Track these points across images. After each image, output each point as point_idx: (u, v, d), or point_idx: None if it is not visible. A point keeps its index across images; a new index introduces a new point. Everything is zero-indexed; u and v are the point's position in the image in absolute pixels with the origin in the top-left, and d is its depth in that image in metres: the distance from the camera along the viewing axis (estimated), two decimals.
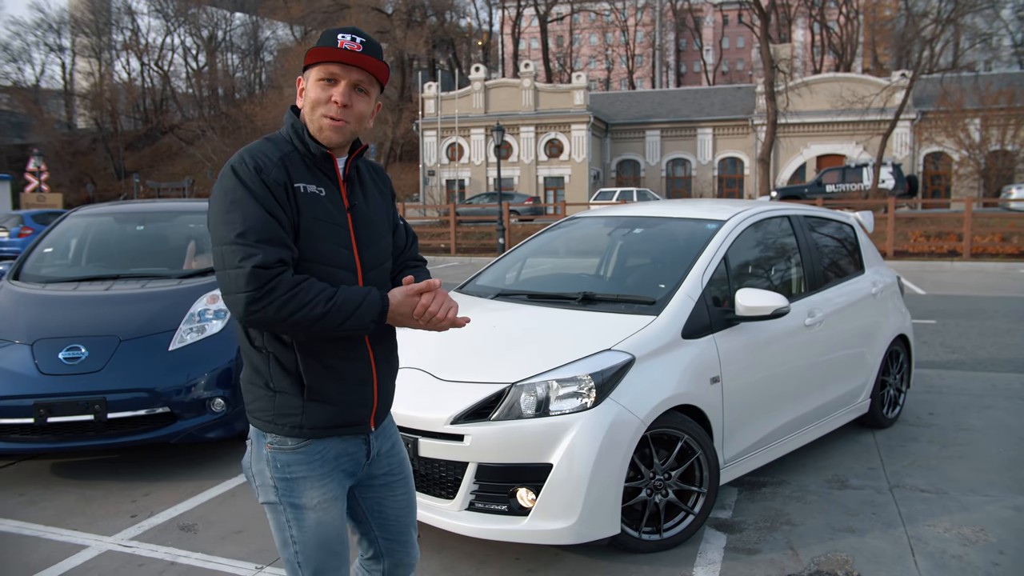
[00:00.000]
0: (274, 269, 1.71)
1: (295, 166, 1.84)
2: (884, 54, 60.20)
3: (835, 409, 4.68)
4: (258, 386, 1.88)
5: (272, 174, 1.78)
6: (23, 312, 4.64)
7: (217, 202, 1.79)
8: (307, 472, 1.88)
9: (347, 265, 1.86)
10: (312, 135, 1.86)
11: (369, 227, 1.94)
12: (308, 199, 1.81)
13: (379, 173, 2.09)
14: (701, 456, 3.52)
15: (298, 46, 55.85)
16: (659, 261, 4.20)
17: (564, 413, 3.22)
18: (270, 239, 1.73)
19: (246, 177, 1.77)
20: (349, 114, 1.83)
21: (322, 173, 1.88)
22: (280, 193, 1.78)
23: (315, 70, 1.84)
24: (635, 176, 42.23)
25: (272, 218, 1.75)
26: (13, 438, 4.25)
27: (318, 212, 1.83)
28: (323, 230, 1.83)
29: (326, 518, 1.91)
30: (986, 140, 31.69)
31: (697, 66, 78.15)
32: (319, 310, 1.72)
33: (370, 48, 1.85)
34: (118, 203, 6.55)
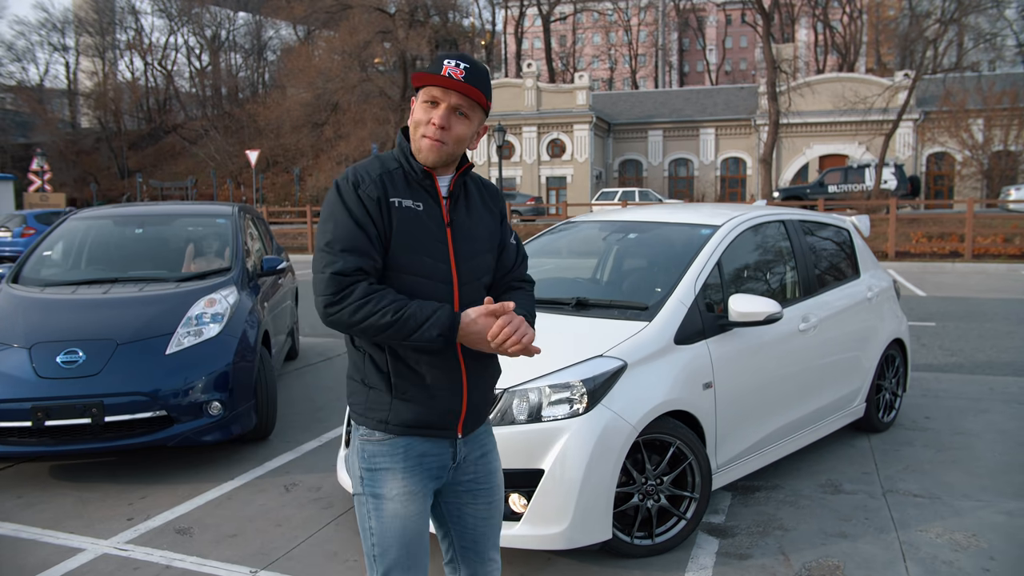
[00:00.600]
0: (352, 276, 1.84)
1: (395, 182, 1.94)
2: (888, 54, 60.15)
3: (830, 414, 4.69)
4: (355, 381, 2.01)
5: (368, 189, 1.90)
6: (21, 315, 4.67)
7: (321, 212, 1.96)
8: (390, 464, 1.96)
9: (443, 277, 1.94)
10: (413, 154, 1.97)
11: (469, 242, 2.00)
12: (403, 213, 1.91)
13: (490, 191, 2.13)
14: (693, 462, 3.53)
15: (301, 46, 55.98)
16: (653, 266, 4.21)
17: (556, 419, 3.24)
18: (353, 248, 1.85)
19: (345, 191, 1.92)
20: (447, 136, 1.92)
21: (422, 189, 1.96)
22: (373, 206, 1.89)
23: (421, 92, 1.94)
24: (637, 176, 42.23)
25: (359, 229, 1.87)
26: (11, 441, 4.28)
27: (413, 225, 1.92)
28: (417, 242, 1.91)
29: (403, 511, 1.96)
30: (989, 140, 31.64)
31: (700, 66, 78.11)
32: (387, 319, 1.82)
33: (473, 74, 1.92)
34: (117, 206, 6.59)
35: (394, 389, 1.94)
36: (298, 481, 4.49)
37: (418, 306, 1.83)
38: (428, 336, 1.82)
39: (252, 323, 5.03)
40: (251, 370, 4.81)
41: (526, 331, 1.87)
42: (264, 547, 3.65)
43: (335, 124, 36.71)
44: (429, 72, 1.92)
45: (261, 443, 5.16)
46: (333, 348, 8.53)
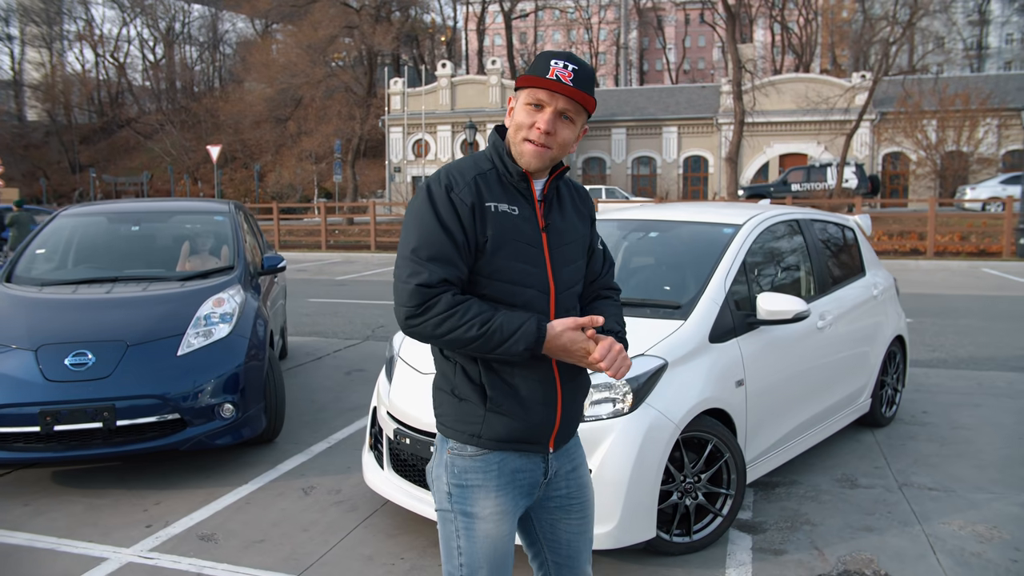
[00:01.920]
0: (437, 288, 1.76)
1: (489, 185, 1.86)
2: (842, 55, 61.56)
3: (841, 409, 4.78)
4: (445, 392, 1.93)
5: (461, 192, 1.82)
6: (23, 316, 4.49)
7: (407, 214, 1.88)
8: (483, 481, 1.88)
9: (539, 285, 1.87)
10: (512, 156, 1.89)
11: (564, 247, 1.94)
12: (499, 217, 1.83)
13: (581, 194, 2.07)
14: (729, 458, 3.56)
15: (262, 40, 55.00)
16: (679, 265, 4.23)
17: (600, 418, 3.23)
18: (439, 257, 1.77)
19: (436, 193, 1.83)
20: (552, 140, 1.84)
21: (518, 192, 1.89)
22: (465, 212, 1.81)
23: (524, 93, 1.86)
24: (601, 174, 42.47)
25: (448, 236, 1.79)
26: (16, 447, 4.12)
27: (509, 231, 1.84)
28: (513, 248, 1.84)
29: (495, 531, 1.89)
30: (943, 141, 32.54)
31: (659, 64, 78.87)
32: (472, 333, 1.75)
33: (581, 77, 1.84)
34: (108, 202, 6.39)
35: (489, 402, 1.86)
36: (315, 484, 4.41)
37: (505, 318, 1.77)
38: (514, 350, 1.77)
39: (260, 323, 4.92)
40: (261, 371, 4.71)
41: (623, 363, 1.82)
42: (295, 553, 3.57)
43: (298, 120, 36.23)
44: (535, 74, 1.84)
45: (268, 445, 5.06)
46: (321, 347, 8.40)
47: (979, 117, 32.52)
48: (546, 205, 1.93)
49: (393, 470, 3.71)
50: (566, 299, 1.92)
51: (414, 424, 3.47)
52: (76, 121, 59.44)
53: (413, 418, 3.47)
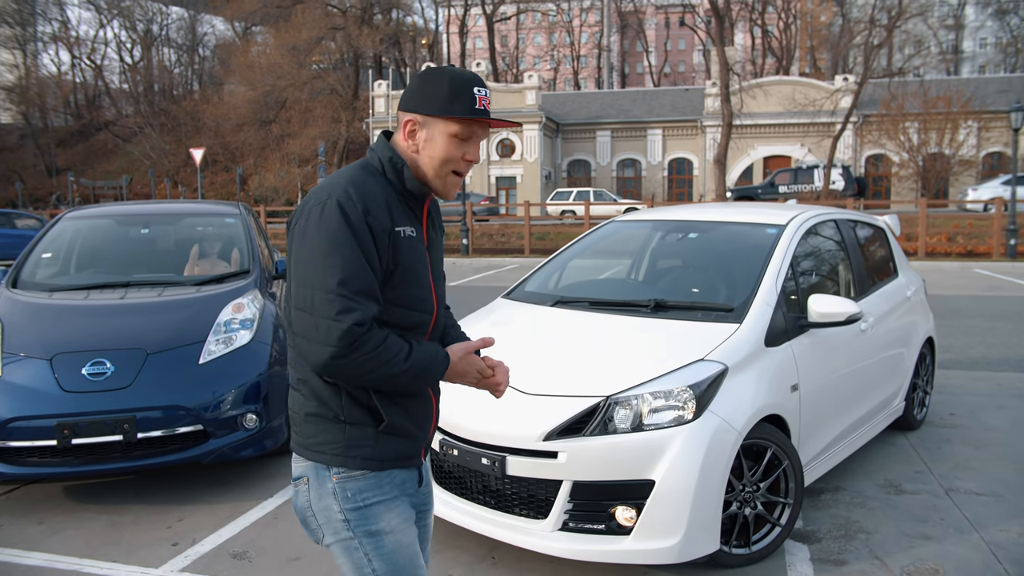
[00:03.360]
0: (366, 326, 1.64)
1: (396, 207, 1.77)
2: (821, 59, 62.15)
3: (880, 412, 4.68)
4: (325, 418, 1.77)
5: (378, 218, 1.70)
6: (35, 324, 4.27)
7: (316, 239, 1.67)
8: (380, 496, 1.80)
9: (428, 307, 1.83)
10: (421, 179, 1.81)
11: (439, 264, 1.93)
12: (405, 243, 1.76)
13: (438, 207, 1.99)
14: (788, 466, 3.43)
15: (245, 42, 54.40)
16: (726, 267, 4.11)
17: (662, 427, 3.09)
18: (369, 292, 1.66)
19: (353, 218, 1.67)
20: (469, 169, 1.84)
21: (412, 212, 1.83)
22: (383, 240, 1.71)
23: (450, 124, 1.76)
24: (586, 176, 42.46)
25: (371, 268, 1.68)
26: (31, 462, 3.91)
27: (412, 255, 1.78)
28: (414, 274, 1.78)
29: (404, 540, 1.83)
30: (925, 143, 32.86)
31: (640, 68, 79.12)
32: (398, 369, 1.69)
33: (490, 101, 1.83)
34: (113, 204, 6.16)
35: (384, 425, 1.77)
36: None
37: (420, 351, 1.74)
38: (431, 379, 1.79)
39: (280, 329, 4.73)
40: (284, 379, 4.51)
41: (505, 372, 1.98)
42: (334, 571, 3.38)
43: (283, 122, 35.85)
44: (465, 106, 1.75)
45: (285, 456, 4.86)
46: None
47: (960, 120, 32.91)
48: (429, 221, 1.89)
49: (437, 482, 3.54)
50: (440, 321, 1.90)
51: (462, 434, 3.30)
52: (52, 124, 58.38)
53: (461, 428, 3.31)
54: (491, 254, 21.99)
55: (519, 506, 3.21)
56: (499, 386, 1.91)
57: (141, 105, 58.13)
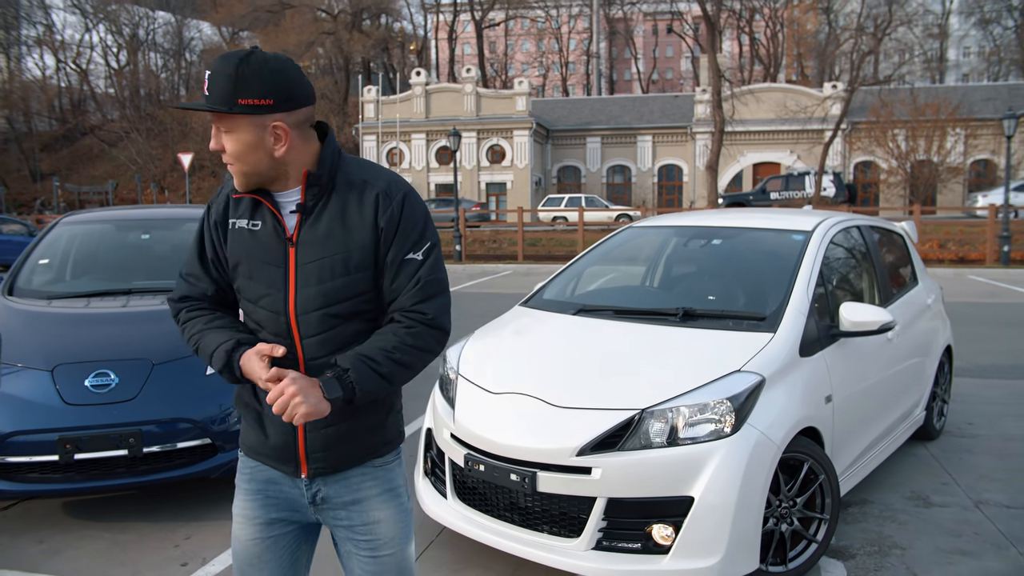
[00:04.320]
0: (178, 304, 1.88)
1: (245, 200, 1.82)
2: (808, 66, 62.58)
3: (902, 422, 4.58)
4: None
5: (214, 208, 1.85)
6: (33, 333, 4.09)
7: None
8: (239, 482, 1.92)
9: (274, 305, 1.77)
10: None
11: (318, 263, 1.74)
12: (237, 235, 1.81)
13: (364, 199, 1.76)
14: (824, 480, 3.31)
15: (230, 47, 54.01)
16: (753, 274, 4.00)
17: (700, 441, 2.97)
18: (190, 273, 1.87)
19: (206, 209, 1.88)
20: (230, 159, 1.74)
21: (264, 206, 1.80)
22: (214, 227, 1.84)
23: None
24: (576, 182, 42.43)
25: (198, 252, 1.86)
26: (31, 478, 3.72)
27: (244, 248, 1.80)
28: (248, 266, 1.80)
29: (239, 532, 1.91)
30: (913, 150, 33.05)
31: (628, 74, 79.34)
32: (192, 347, 1.83)
33: (212, 85, 1.67)
34: (111, 209, 5.98)
35: (239, 408, 1.91)
36: None
37: (207, 339, 1.79)
38: (221, 370, 1.76)
39: None
40: None
41: (294, 409, 1.61)
42: None
43: None
44: (182, 104, 1.85)
45: None
46: None
47: (948, 127, 33.13)
48: (305, 215, 1.77)
49: (458, 498, 3.40)
50: (314, 323, 1.75)
51: (490, 449, 3.17)
52: (36, 128, 57.76)
53: (488, 442, 3.17)
54: (484, 260, 21.87)
55: (549, 524, 3.07)
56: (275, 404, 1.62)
57: (127, 110, 57.65)
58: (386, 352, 1.71)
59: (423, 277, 1.76)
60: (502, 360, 3.58)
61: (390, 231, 1.74)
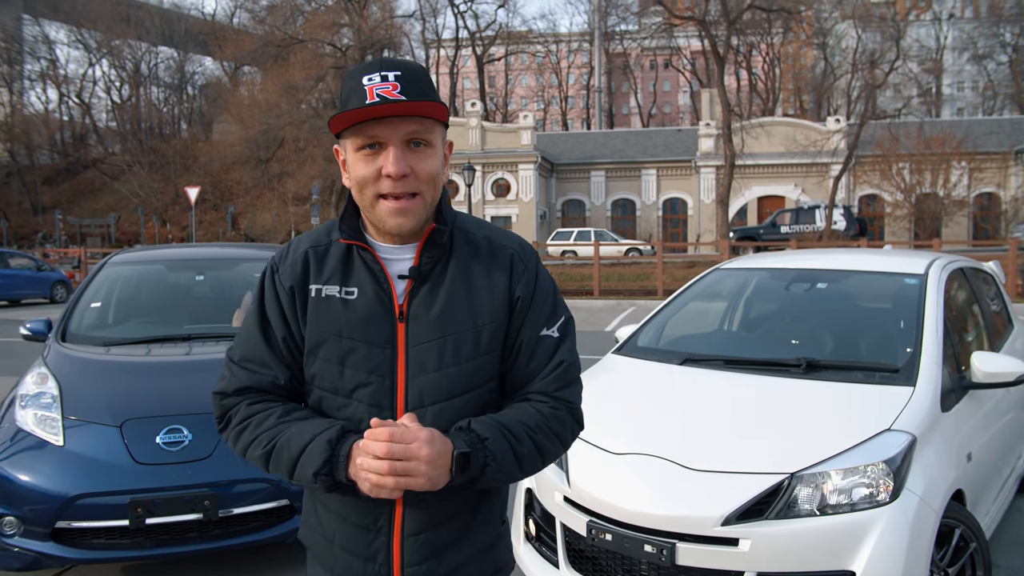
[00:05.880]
0: (232, 398, 1.46)
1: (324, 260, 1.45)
2: (805, 100, 63.20)
3: (1011, 474, 4.31)
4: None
5: (284, 273, 1.46)
6: (97, 384, 3.81)
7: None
8: None
9: (374, 398, 1.39)
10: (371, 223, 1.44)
11: (439, 343, 1.40)
12: (320, 305, 1.42)
13: (494, 255, 1.46)
14: (976, 548, 3.04)
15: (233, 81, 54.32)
16: (870, 321, 3.76)
17: (856, 508, 2.70)
18: (250, 359, 1.46)
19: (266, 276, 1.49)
20: (411, 184, 1.36)
21: (366, 268, 1.43)
22: (286, 298, 1.45)
23: (351, 138, 1.38)
24: (581, 216, 42.40)
25: (262, 332, 1.46)
26: (97, 544, 3.42)
27: (331, 322, 1.41)
28: (335, 347, 1.40)
29: None
30: (919, 183, 33.11)
31: (626, 108, 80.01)
32: (259, 451, 1.40)
33: (411, 81, 1.34)
34: (159, 247, 5.74)
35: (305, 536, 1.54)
36: None
37: (295, 431, 1.36)
38: (305, 477, 1.34)
39: None
40: None
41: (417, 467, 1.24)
42: None
43: (280, 161, 35.59)
44: (352, 106, 1.33)
45: None
46: None
47: (953, 161, 33.23)
48: (419, 281, 1.42)
49: (572, 567, 3.12)
50: (430, 420, 1.37)
51: (617, 516, 2.89)
52: (38, 161, 57.75)
53: (615, 508, 2.89)
54: None
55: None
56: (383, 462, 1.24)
57: (129, 143, 57.70)
58: (528, 429, 1.39)
59: (565, 359, 1.47)
60: (616, 417, 3.32)
61: (526, 302, 1.45)
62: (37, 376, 3.82)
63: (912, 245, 28.27)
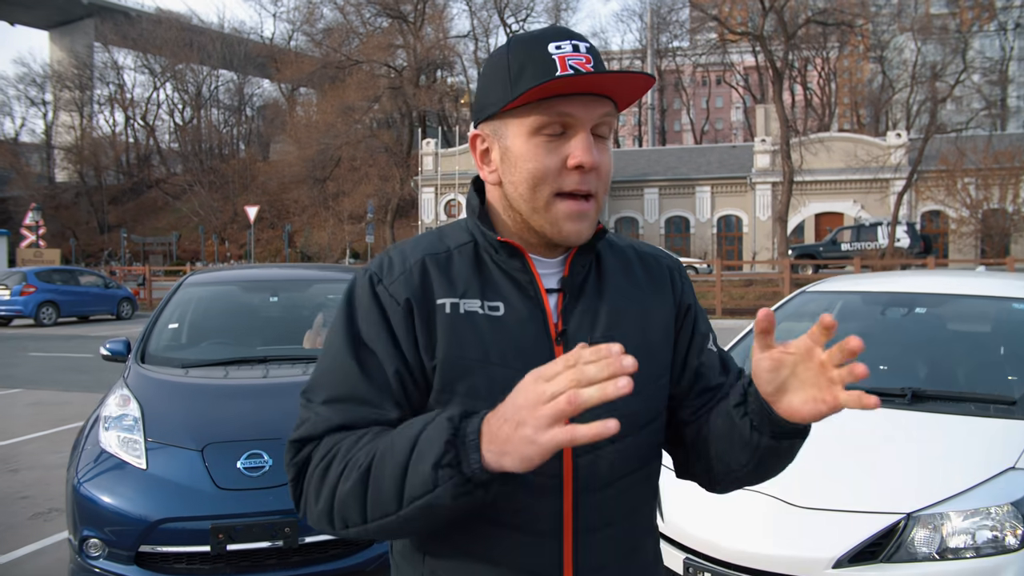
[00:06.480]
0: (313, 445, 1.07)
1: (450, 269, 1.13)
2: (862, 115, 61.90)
3: None
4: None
5: (394, 283, 1.11)
6: (178, 407, 3.82)
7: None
8: None
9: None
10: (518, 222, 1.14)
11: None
12: (458, 324, 1.09)
13: (648, 264, 1.26)
14: None
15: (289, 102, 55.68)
16: (978, 348, 3.55)
17: (981, 554, 2.51)
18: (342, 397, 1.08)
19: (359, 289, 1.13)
20: (594, 181, 1.10)
21: (509, 280, 1.13)
22: (397, 315, 1.09)
23: (522, 117, 1.08)
24: (635, 234, 42.04)
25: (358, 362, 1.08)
26: (179, 569, 3.40)
27: (477, 347, 1.09)
28: (487, 378, 1.07)
29: None
30: (987, 198, 32.01)
31: (677, 125, 79.52)
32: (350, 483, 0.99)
33: (597, 57, 1.09)
34: (232, 267, 5.81)
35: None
36: None
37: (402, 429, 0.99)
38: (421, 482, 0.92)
39: None
40: None
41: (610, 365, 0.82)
42: None
43: (338, 180, 36.26)
44: (540, 78, 1.04)
45: None
46: None
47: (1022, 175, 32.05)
48: (571, 296, 1.15)
49: None
50: (605, 466, 1.11)
51: (716, 554, 2.74)
52: (105, 182, 60.02)
53: (714, 546, 2.75)
54: None
55: None
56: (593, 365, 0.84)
57: (190, 163, 59.55)
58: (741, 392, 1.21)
59: (740, 368, 1.30)
60: None
61: (695, 311, 1.27)
62: (120, 398, 3.84)
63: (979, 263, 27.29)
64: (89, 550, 3.36)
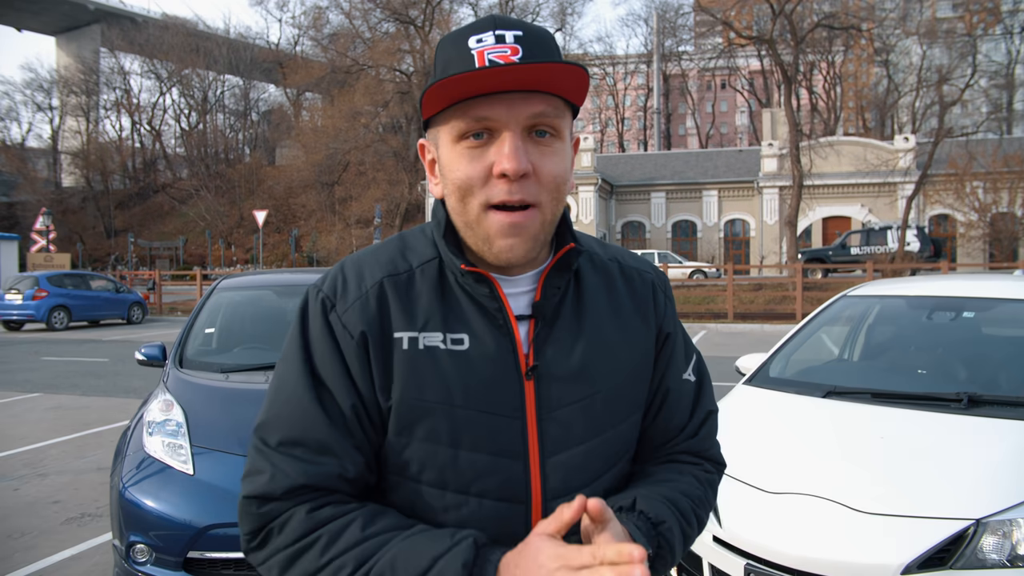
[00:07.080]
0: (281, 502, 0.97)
1: (411, 294, 1.02)
2: (867, 119, 61.87)
3: None
4: None
5: (347, 312, 1.00)
6: (220, 412, 3.81)
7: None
8: None
9: (506, 490, 1.00)
10: (468, 244, 1.02)
11: (579, 406, 1.03)
12: (417, 361, 0.98)
13: (630, 283, 1.14)
14: None
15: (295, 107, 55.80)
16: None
17: None
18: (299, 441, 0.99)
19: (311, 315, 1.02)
20: (530, 189, 0.95)
21: (476, 307, 1.01)
22: (351, 349, 0.99)
23: (448, 124, 0.97)
24: (641, 238, 42.07)
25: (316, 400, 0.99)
26: (226, 575, 3.39)
27: (437, 387, 0.98)
28: (447, 421, 0.98)
29: None
30: (995, 202, 31.95)
31: (682, 129, 79.56)
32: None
33: (533, 44, 0.95)
34: (263, 272, 5.80)
35: None
36: None
37: (403, 548, 0.91)
38: None
39: None
40: None
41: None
42: None
43: (346, 184, 36.31)
44: (454, 71, 0.93)
45: None
46: None
47: None
48: (542, 323, 1.03)
49: None
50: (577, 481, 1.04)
51: (779, 560, 2.71)
52: (112, 187, 60.18)
53: (776, 552, 2.72)
54: None
55: None
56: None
57: (196, 168, 59.71)
58: (693, 505, 1.09)
59: (711, 409, 1.20)
60: (763, 453, 3.15)
61: (674, 339, 1.16)
62: (163, 403, 3.83)
63: (988, 267, 27.22)
64: (136, 555, 3.35)
